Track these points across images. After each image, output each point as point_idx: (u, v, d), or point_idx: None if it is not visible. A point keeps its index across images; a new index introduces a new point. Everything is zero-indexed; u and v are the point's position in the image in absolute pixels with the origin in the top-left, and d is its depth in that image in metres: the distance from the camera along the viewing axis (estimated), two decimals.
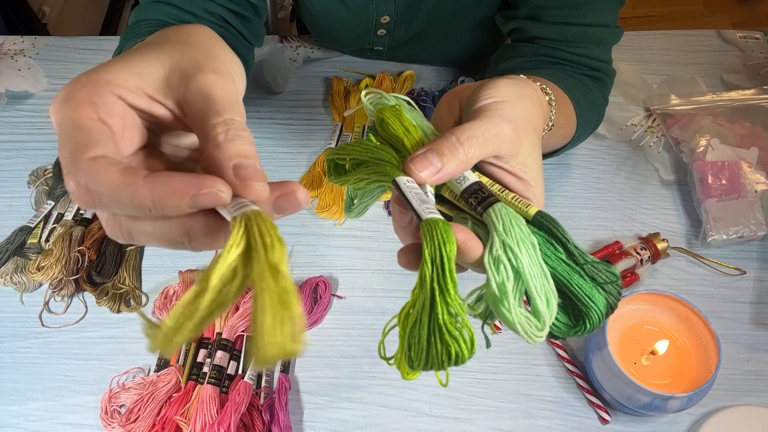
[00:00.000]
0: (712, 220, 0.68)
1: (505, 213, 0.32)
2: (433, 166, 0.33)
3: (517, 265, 0.31)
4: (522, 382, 0.61)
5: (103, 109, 0.28)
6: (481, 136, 0.34)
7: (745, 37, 0.89)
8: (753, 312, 0.65)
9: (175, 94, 0.29)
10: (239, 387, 0.59)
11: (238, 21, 0.62)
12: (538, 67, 0.62)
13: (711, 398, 0.57)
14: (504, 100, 0.37)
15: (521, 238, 0.31)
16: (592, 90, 0.62)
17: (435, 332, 0.29)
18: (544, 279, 0.31)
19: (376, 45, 0.81)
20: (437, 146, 0.33)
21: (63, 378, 0.62)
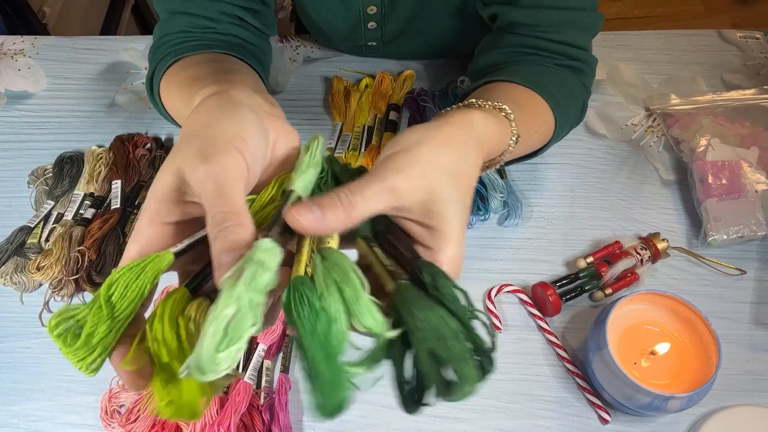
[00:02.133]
0: (712, 220, 0.68)
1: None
2: (313, 215, 0.33)
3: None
4: (522, 382, 0.61)
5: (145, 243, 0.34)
6: (368, 194, 0.34)
7: (745, 37, 0.89)
8: (753, 312, 0.65)
9: (194, 190, 0.33)
10: (239, 387, 0.59)
11: (251, 16, 0.63)
12: (514, 59, 0.62)
13: (711, 398, 0.57)
14: (403, 149, 0.37)
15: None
16: (570, 82, 0.61)
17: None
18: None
19: (369, 40, 0.81)
20: (319, 200, 0.33)
21: (63, 378, 0.62)
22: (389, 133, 0.78)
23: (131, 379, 0.31)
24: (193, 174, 0.32)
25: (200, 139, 0.34)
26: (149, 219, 0.34)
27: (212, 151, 0.33)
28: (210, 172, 0.32)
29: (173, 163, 0.33)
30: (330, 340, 0.30)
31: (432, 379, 0.32)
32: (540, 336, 0.64)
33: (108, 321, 0.30)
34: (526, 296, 0.66)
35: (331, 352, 0.30)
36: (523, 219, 0.71)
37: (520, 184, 0.74)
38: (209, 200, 0.32)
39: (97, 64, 0.88)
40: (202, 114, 0.37)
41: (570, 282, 0.65)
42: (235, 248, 0.30)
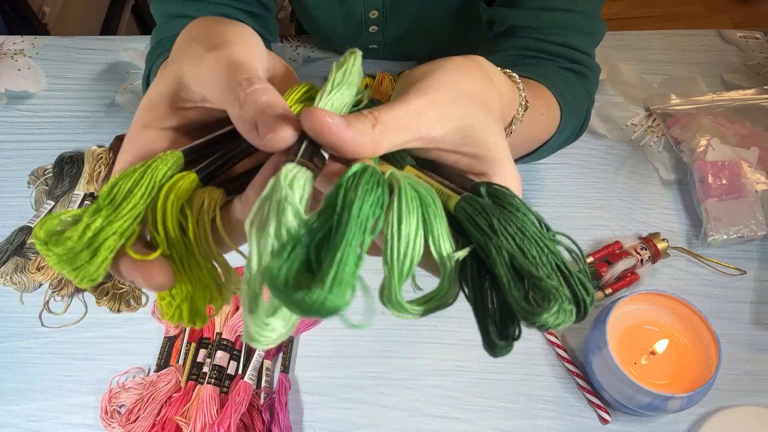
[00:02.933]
0: (712, 219, 0.68)
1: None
2: (333, 121, 0.27)
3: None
4: (522, 382, 0.61)
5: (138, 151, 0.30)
6: (396, 122, 0.28)
7: (745, 37, 0.89)
8: (753, 312, 0.65)
9: (194, 94, 0.30)
10: (239, 387, 0.59)
11: (252, 21, 0.63)
12: (515, 62, 0.61)
13: (711, 398, 0.57)
14: (421, 77, 0.32)
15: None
16: (574, 82, 0.60)
17: None
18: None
19: (370, 43, 0.81)
20: (350, 119, 0.28)
21: (63, 378, 0.62)
22: None
23: (147, 275, 0.26)
24: (198, 66, 0.29)
25: (203, 37, 0.31)
26: (143, 125, 0.30)
27: (220, 42, 0.30)
28: (220, 56, 0.29)
29: (172, 68, 0.31)
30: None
31: (516, 298, 0.25)
32: (540, 336, 0.64)
33: (109, 215, 0.26)
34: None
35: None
36: None
37: None
38: (224, 77, 0.28)
39: (97, 64, 0.88)
40: (199, 23, 0.33)
41: None
42: (273, 107, 0.26)
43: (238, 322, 0.63)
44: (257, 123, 0.26)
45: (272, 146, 0.26)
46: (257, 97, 0.27)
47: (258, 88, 0.27)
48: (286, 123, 0.26)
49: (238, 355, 0.62)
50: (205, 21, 0.33)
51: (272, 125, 0.26)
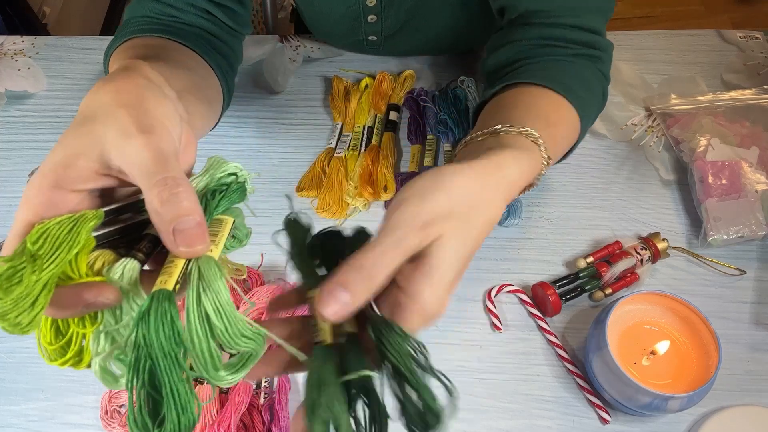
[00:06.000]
0: (712, 219, 0.68)
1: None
2: (341, 302, 0.32)
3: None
4: (522, 382, 0.61)
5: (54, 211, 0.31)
6: (387, 261, 0.33)
7: (745, 37, 0.89)
8: (753, 312, 0.65)
9: (113, 162, 0.31)
10: (239, 387, 0.59)
11: (221, 12, 0.63)
12: (528, 54, 0.61)
13: (711, 398, 0.57)
14: (415, 196, 0.36)
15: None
16: (589, 74, 0.61)
17: None
18: None
19: (369, 34, 0.81)
20: (343, 279, 0.32)
21: (63, 378, 0.62)
22: (389, 132, 0.78)
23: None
24: (126, 144, 0.30)
25: (135, 111, 0.32)
26: (53, 183, 0.30)
27: (150, 124, 0.31)
28: (149, 142, 0.30)
29: (94, 129, 0.31)
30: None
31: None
32: (540, 336, 0.64)
33: (35, 272, 0.28)
34: (526, 296, 0.66)
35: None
36: (523, 219, 0.71)
37: None
38: (150, 167, 0.30)
39: (97, 64, 0.88)
40: (131, 85, 0.34)
41: (570, 282, 0.65)
42: (190, 214, 0.29)
43: None
44: (174, 228, 0.29)
45: (184, 256, 0.30)
46: (179, 201, 0.29)
47: (180, 192, 0.29)
48: (201, 238, 0.30)
49: None
50: (136, 87, 0.34)
51: (190, 238, 0.30)
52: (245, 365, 0.31)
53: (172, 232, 0.29)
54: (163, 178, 0.29)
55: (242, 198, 0.36)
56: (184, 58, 0.55)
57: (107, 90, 0.33)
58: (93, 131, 0.31)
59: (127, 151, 0.30)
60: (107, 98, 0.33)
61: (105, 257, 0.31)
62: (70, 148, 0.31)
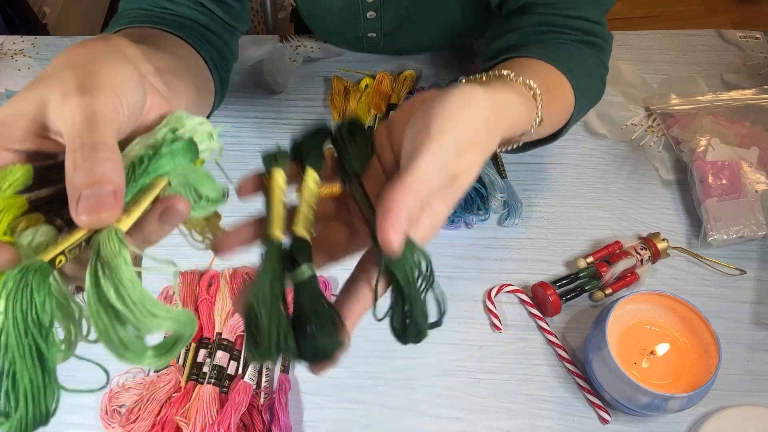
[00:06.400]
0: (712, 219, 0.68)
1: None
2: (404, 231, 0.31)
3: None
4: (522, 382, 0.61)
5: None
6: (435, 184, 0.32)
7: (745, 37, 0.89)
8: (753, 312, 0.65)
9: (52, 125, 0.30)
10: (239, 387, 0.59)
11: (216, 6, 0.63)
12: (530, 38, 0.61)
13: (711, 398, 0.57)
14: (450, 113, 0.34)
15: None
16: (589, 58, 0.61)
17: None
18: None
19: (369, 31, 0.81)
20: (400, 206, 0.31)
21: (63, 378, 0.62)
22: None
23: None
24: (63, 105, 0.29)
25: (81, 71, 0.30)
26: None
27: (92, 85, 0.29)
28: (84, 103, 0.28)
29: (39, 89, 0.30)
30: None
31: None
32: (540, 336, 0.64)
33: None
34: (526, 296, 0.66)
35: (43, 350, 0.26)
36: (523, 219, 0.71)
37: (520, 184, 0.74)
38: (76, 129, 0.28)
39: None
40: (87, 49, 0.33)
41: (570, 282, 0.65)
42: (102, 182, 0.27)
43: (239, 321, 0.63)
44: (80, 195, 0.26)
45: (86, 225, 0.27)
46: (91, 166, 0.27)
47: (96, 156, 0.27)
48: (104, 207, 0.27)
49: (238, 355, 0.62)
50: (90, 50, 0.33)
51: (92, 205, 0.27)
52: (174, 348, 0.28)
53: (77, 200, 0.27)
54: (81, 142, 0.27)
55: (191, 157, 0.33)
56: (174, 47, 0.55)
57: (64, 53, 0.33)
58: (36, 92, 0.30)
59: (62, 112, 0.29)
60: (60, 60, 0.32)
61: (30, 221, 0.28)
62: (11, 107, 0.30)
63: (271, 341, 0.28)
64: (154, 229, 0.30)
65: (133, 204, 0.29)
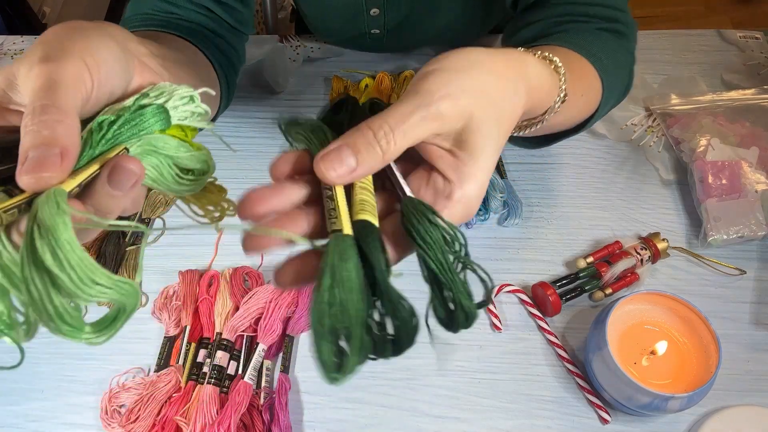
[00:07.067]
0: (712, 219, 0.68)
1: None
2: (347, 166, 0.29)
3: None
4: (522, 382, 0.61)
5: None
6: (408, 123, 0.30)
7: (745, 37, 0.89)
8: (753, 312, 0.65)
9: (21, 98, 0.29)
10: (239, 387, 0.59)
11: (221, 9, 0.62)
12: (550, 29, 0.59)
13: (711, 398, 0.57)
14: (450, 69, 0.32)
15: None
16: (614, 46, 0.58)
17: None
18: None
19: (372, 28, 0.81)
20: (352, 141, 0.29)
21: (63, 378, 0.62)
22: None
23: None
24: (27, 74, 0.28)
25: (52, 44, 0.30)
26: None
27: (56, 54, 0.29)
28: (44, 70, 0.28)
29: (10, 66, 0.29)
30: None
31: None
32: (540, 336, 0.64)
33: None
34: (526, 296, 0.66)
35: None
36: (523, 219, 0.71)
37: (520, 184, 0.74)
38: (33, 93, 0.27)
39: None
40: (60, 28, 0.32)
41: (570, 282, 0.65)
42: (49, 144, 0.26)
43: (239, 322, 0.63)
44: (27, 155, 0.26)
45: (29, 187, 0.26)
46: (40, 129, 0.26)
47: (46, 120, 0.26)
48: (47, 166, 0.25)
49: (238, 355, 0.62)
50: (68, 26, 0.32)
51: (34, 165, 0.25)
52: (115, 322, 0.27)
53: (22, 162, 0.26)
54: (33, 106, 0.27)
55: (160, 125, 0.31)
56: (179, 46, 0.54)
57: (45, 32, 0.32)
58: (7, 69, 0.30)
59: (25, 83, 0.28)
60: (38, 38, 0.31)
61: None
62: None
63: (362, 354, 0.27)
64: (104, 194, 0.28)
65: (80, 168, 0.28)
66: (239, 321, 0.63)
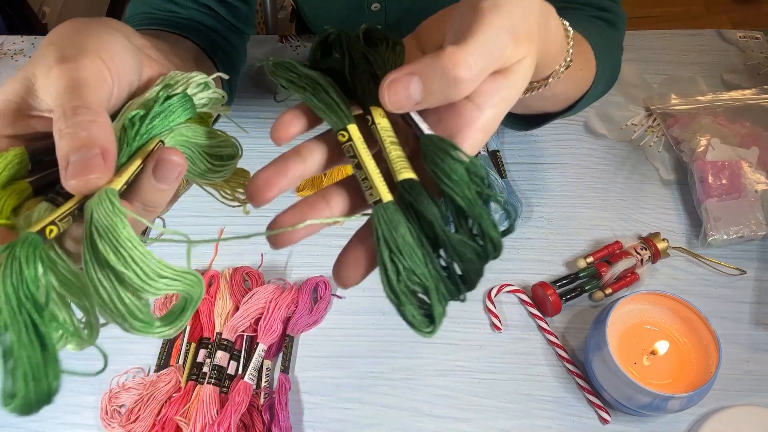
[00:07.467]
0: (712, 219, 0.68)
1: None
2: (411, 99, 0.27)
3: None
4: (522, 382, 0.61)
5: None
6: (480, 59, 0.27)
7: (745, 37, 0.89)
8: (753, 312, 0.65)
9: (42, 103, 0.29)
10: (239, 387, 0.59)
11: (222, 7, 0.62)
12: None
13: (711, 398, 0.57)
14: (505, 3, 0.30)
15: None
16: (607, 33, 0.59)
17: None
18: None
19: (373, 23, 0.81)
20: (423, 70, 0.27)
21: (63, 378, 0.62)
22: None
23: None
24: (46, 77, 0.28)
25: (64, 43, 0.29)
26: None
27: (72, 54, 0.28)
28: (65, 70, 0.27)
29: (25, 71, 0.29)
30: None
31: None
32: (540, 336, 0.64)
33: None
34: (526, 296, 0.66)
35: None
36: (523, 219, 0.71)
37: (520, 184, 0.74)
38: (59, 95, 0.27)
39: None
40: (67, 26, 0.31)
41: (570, 282, 0.65)
42: (89, 146, 0.25)
43: (239, 322, 0.63)
44: (69, 160, 0.25)
45: (76, 191, 0.26)
46: (76, 131, 0.26)
47: (81, 121, 0.26)
48: (93, 168, 0.25)
49: (238, 355, 0.62)
50: (75, 24, 0.31)
51: (80, 168, 0.25)
52: (183, 313, 0.27)
53: (65, 167, 0.25)
54: (63, 109, 0.26)
55: (187, 113, 0.31)
56: (180, 43, 0.54)
57: (50, 33, 0.32)
58: (23, 73, 0.29)
59: (48, 86, 0.28)
60: (46, 40, 0.31)
61: (33, 204, 0.27)
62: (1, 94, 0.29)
63: (444, 302, 0.27)
64: (151, 188, 0.28)
65: (123, 166, 0.28)
66: (239, 321, 0.63)
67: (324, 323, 0.65)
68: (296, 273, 0.68)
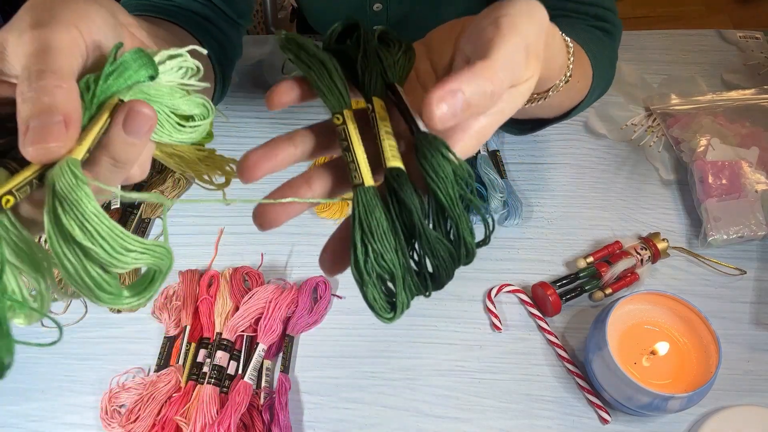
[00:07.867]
0: (712, 219, 0.68)
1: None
2: (457, 115, 0.27)
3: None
4: (522, 382, 0.61)
5: None
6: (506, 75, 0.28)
7: (745, 37, 0.89)
8: (753, 312, 0.65)
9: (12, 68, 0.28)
10: (239, 387, 0.59)
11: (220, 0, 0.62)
12: None
13: (711, 398, 0.57)
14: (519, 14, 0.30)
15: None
16: (604, 42, 0.59)
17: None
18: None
19: (374, 24, 0.81)
20: (467, 86, 0.27)
21: (63, 378, 0.62)
22: None
23: None
24: (18, 42, 0.27)
25: (39, 9, 0.28)
26: None
27: (47, 19, 0.27)
28: (36, 36, 0.26)
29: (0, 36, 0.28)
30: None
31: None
32: (540, 336, 0.64)
33: None
34: (526, 296, 0.66)
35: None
36: (523, 219, 0.71)
37: (520, 184, 0.74)
38: (27, 59, 0.26)
39: None
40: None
41: (570, 282, 0.65)
42: (51, 111, 0.24)
43: (239, 322, 0.63)
44: (29, 125, 0.24)
45: (35, 159, 0.25)
46: (39, 95, 0.24)
47: (44, 85, 0.25)
48: (53, 136, 0.24)
49: (238, 355, 0.62)
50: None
51: (38, 134, 0.24)
52: (152, 283, 0.27)
53: (24, 132, 0.24)
54: (29, 72, 0.25)
55: (147, 71, 0.29)
56: (171, 30, 0.54)
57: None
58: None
59: (19, 51, 0.27)
60: (23, 6, 0.30)
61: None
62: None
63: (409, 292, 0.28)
64: (121, 143, 0.27)
65: (84, 132, 0.26)
66: (239, 321, 0.63)
67: (324, 323, 0.65)
68: (296, 273, 0.68)
